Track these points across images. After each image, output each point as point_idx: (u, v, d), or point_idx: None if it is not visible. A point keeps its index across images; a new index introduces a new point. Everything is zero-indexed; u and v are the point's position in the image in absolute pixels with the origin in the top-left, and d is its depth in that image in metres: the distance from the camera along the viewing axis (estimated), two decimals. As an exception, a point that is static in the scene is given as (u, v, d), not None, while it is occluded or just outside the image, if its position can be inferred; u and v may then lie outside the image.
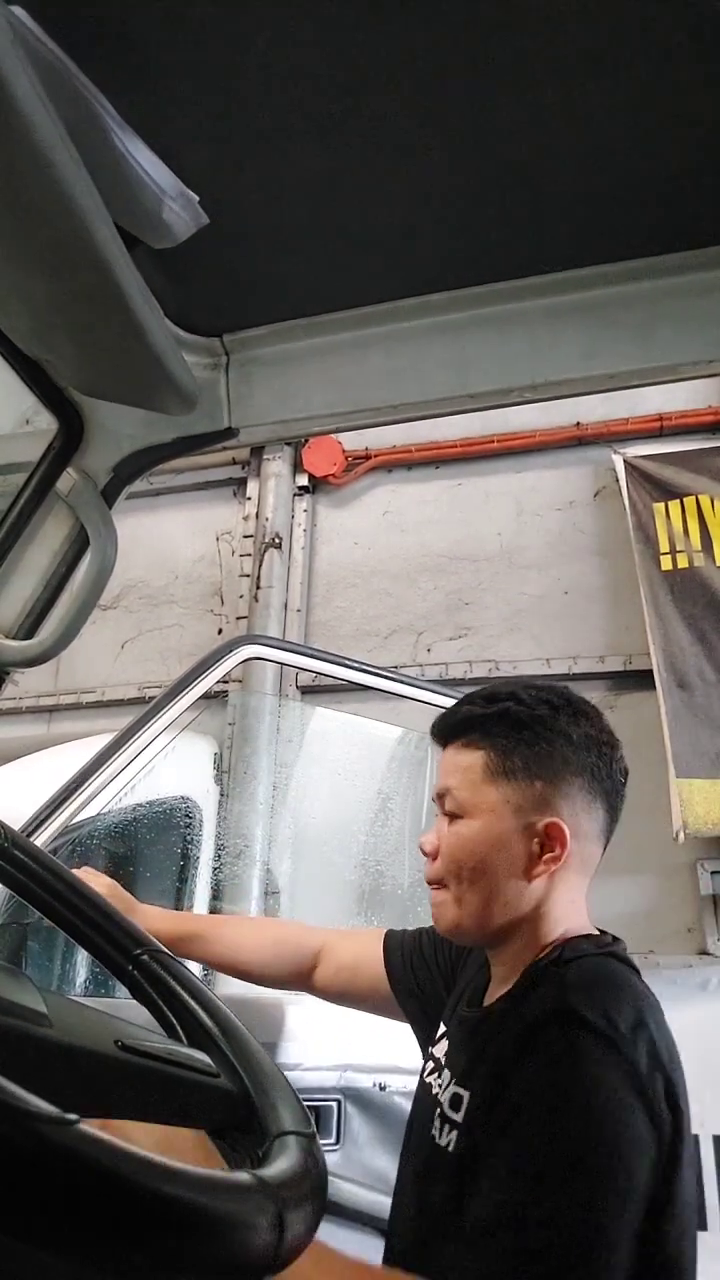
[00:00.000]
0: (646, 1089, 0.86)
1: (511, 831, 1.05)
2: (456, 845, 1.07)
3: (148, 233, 0.84)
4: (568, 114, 0.76)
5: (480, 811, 1.06)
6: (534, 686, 1.13)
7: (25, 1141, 0.36)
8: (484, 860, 1.05)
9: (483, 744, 1.08)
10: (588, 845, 1.07)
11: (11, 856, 0.81)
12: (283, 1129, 0.57)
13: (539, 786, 1.05)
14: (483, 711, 1.10)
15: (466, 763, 1.09)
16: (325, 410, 1.06)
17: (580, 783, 1.06)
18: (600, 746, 1.09)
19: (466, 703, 1.13)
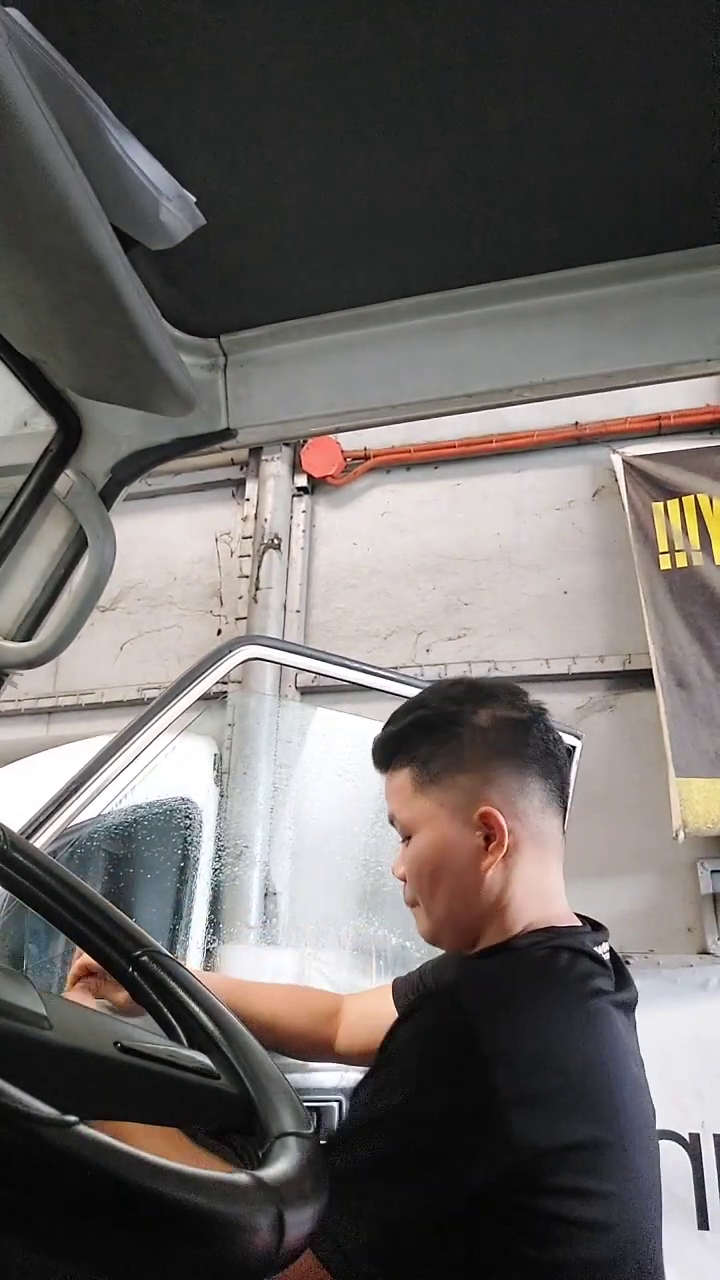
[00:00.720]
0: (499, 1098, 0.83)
1: (453, 832, 1.07)
2: (413, 862, 1.10)
3: (145, 234, 0.84)
4: (565, 114, 0.76)
5: (421, 824, 1.09)
6: (441, 685, 1.16)
7: (25, 1143, 0.36)
8: (437, 867, 1.07)
9: (405, 760, 1.11)
10: (533, 822, 1.08)
11: (11, 858, 0.81)
12: (283, 1130, 0.57)
13: (463, 781, 1.07)
14: (397, 729, 1.13)
15: (398, 783, 1.12)
16: (324, 411, 1.06)
17: (502, 765, 1.07)
18: (514, 724, 1.09)
19: (386, 725, 1.15)
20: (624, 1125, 0.90)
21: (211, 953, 3.54)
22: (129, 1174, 0.39)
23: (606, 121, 0.77)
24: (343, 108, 0.76)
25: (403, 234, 0.90)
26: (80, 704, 4.63)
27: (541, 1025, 0.91)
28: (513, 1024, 0.89)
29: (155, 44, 0.72)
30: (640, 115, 0.76)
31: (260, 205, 0.87)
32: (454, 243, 0.91)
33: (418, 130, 0.78)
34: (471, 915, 1.07)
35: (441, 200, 0.85)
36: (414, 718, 1.12)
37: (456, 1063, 0.86)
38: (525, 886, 1.06)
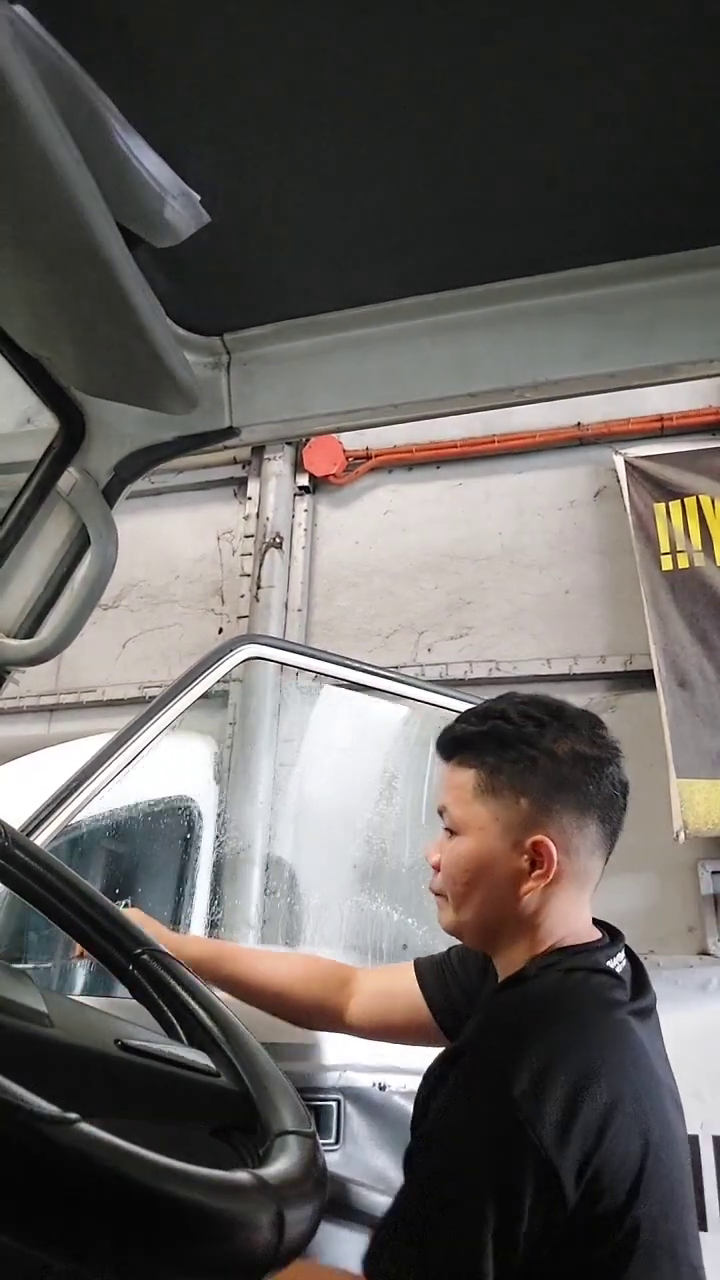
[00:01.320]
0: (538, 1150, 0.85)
1: (500, 849, 1.07)
2: (451, 861, 1.11)
3: (149, 231, 0.84)
4: (569, 113, 0.76)
5: (472, 829, 1.09)
6: (527, 701, 1.14)
7: (26, 1140, 0.36)
8: (475, 876, 1.09)
9: (473, 762, 1.11)
10: (581, 860, 1.08)
11: (12, 856, 0.81)
12: (283, 1128, 0.57)
13: (524, 804, 1.07)
14: (474, 730, 1.12)
15: (460, 781, 1.12)
16: (326, 409, 1.06)
17: (568, 799, 1.07)
18: (589, 761, 1.09)
19: (462, 720, 1.16)
20: (657, 1141, 0.93)
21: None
22: (130, 1171, 0.39)
23: (609, 121, 0.77)
24: (347, 106, 0.76)
25: (406, 233, 0.89)
26: (82, 702, 4.63)
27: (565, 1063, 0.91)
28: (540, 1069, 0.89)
29: (161, 42, 0.71)
30: (643, 115, 0.76)
31: (264, 203, 0.87)
32: (458, 242, 0.90)
33: (422, 129, 0.78)
34: (498, 927, 1.09)
35: (445, 199, 0.85)
36: (491, 726, 1.11)
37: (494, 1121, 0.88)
38: (555, 915, 1.08)
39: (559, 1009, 0.99)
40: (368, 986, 1.39)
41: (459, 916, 1.11)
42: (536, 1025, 0.96)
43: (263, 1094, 0.62)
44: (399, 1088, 1.63)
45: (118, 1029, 0.61)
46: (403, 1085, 1.63)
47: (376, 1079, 1.63)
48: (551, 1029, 0.96)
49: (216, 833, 3.48)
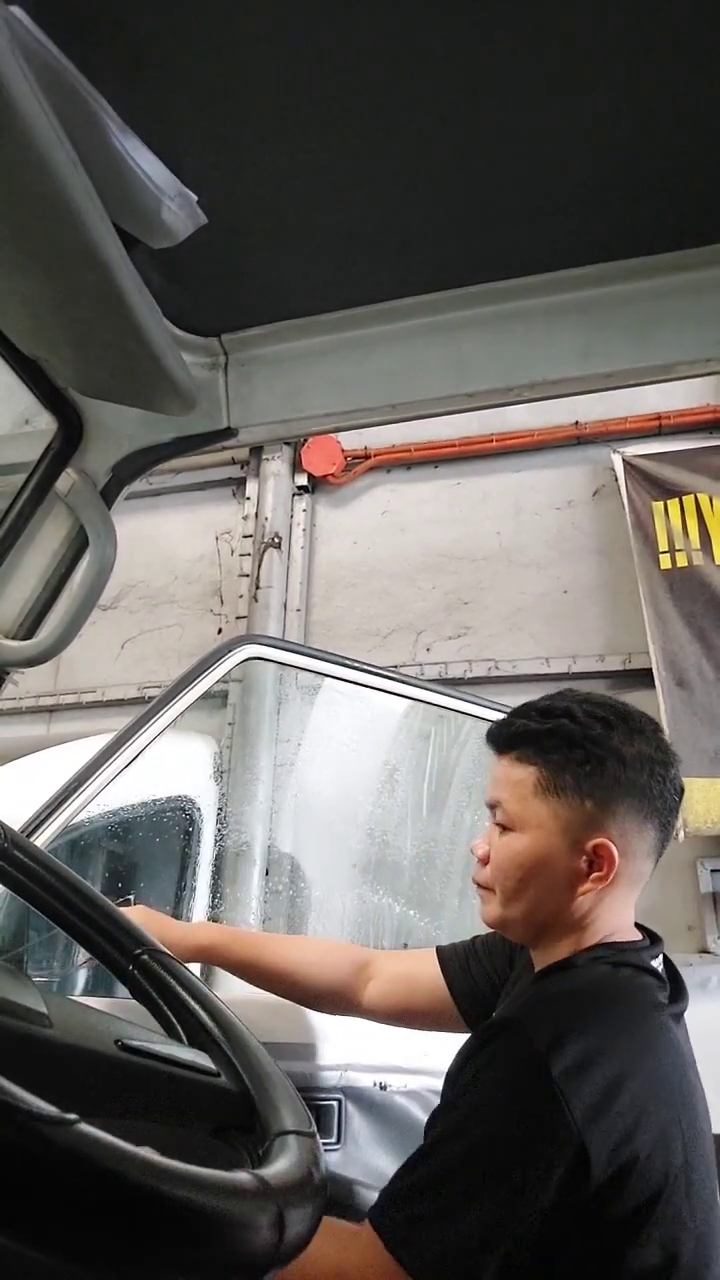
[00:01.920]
0: (566, 1127, 0.86)
1: (560, 848, 1.06)
2: (505, 857, 1.09)
3: (146, 232, 0.84)
4: (566, 113, 0.76)
5: (530, 826, 1.07)
6: (590, 701, 1.12)
7: (26, 1141, 0.36)
8: (530, 874, 1.07)
9: (535, 759, 1.08)
10: (637, 863, 1.08)
11: (12, 856, 0.81)
12: (283, 1128, 0.57)
13: (588, 805, 1.05)
14: (536, 727, 1.10)
15: (519, 777, 1.09)
16: (324, 410, 1.06)
17: (631, 802, 1.06)
18: (654, 765, 1.08)
19: (521, 715, 1.13)
20: (689, 1143, 0.93)
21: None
22: (129, 1172, 0.39)
23: (606, 121, 0.77)
24: (344, 107, 0.76)
25: (403, 233, 0.90)
26: (81, 702, 4.63)
27: (608, 1052, 0.92)
28: (582, 1053, 0.90)
29: (157, 43, 0.71)
30: (640, 115, 0.76)
31: (261, 204, 0.87)
32: (454, 242, 0.91)
33: (418, 129, 0.78)
34: (549, 925, 1.08)
35: (442, 199, 0.85)
36: (557, 725, 1.08)
37: (530, 1094, 0.88)
38: (606, 915, 1.07)
39: (607, 1000, 1.00)
40: (387, 970, 1.38)
41: (506, 911, 1.09)
42: (584, 1012, 0.97)
43: (263, 1094, 0.62)
44: (400, 1087, 1.63)
45: (118, 1029, 0.61)
46: (404, 1085, 1.63)
47: (377, 1078, 1.63)
48: (599, 1018, 0.96)
49: (216, 832, 3.48)
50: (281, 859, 3.99)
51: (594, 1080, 0.88)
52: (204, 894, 3.34)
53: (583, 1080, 0.87)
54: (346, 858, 3.65)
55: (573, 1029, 0.92)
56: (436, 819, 3.49)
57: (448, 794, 3.48)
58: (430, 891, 3.44)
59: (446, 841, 3.45)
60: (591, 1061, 0.89)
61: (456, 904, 3.36)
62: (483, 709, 2.10)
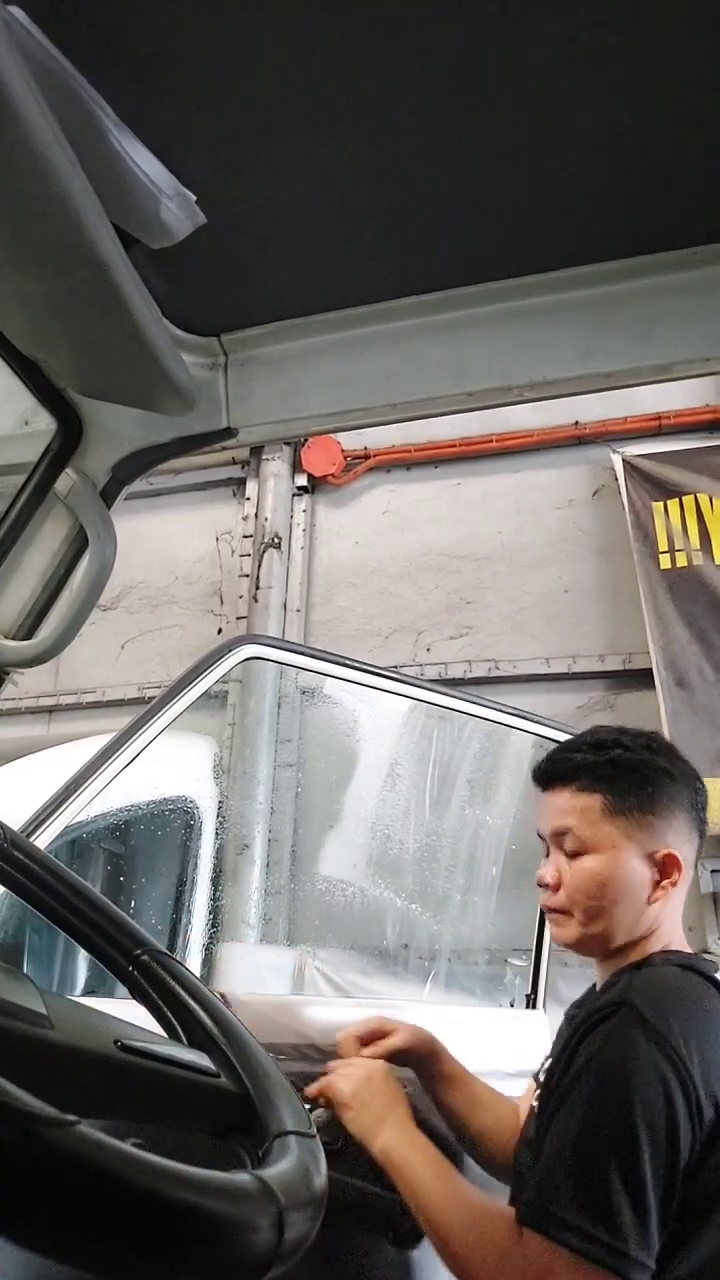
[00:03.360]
0: (688, 1082, 0.98)
1: (632, 863, 1.20)
2: (584, 879, 1.21)
3: (145, 232, 0.84)
4: (566, 112, 0.76)
5: (604, 847, 1.20)
6: (627, 732, 1.29)
7: (25, 1143, 0.36)
8: (609, 890, 1.20)
9: (598, 787, 1.22)
10: (688, 870, 1.24)
11: (11, 857, 0.81)
12: (283, 1129, 0.57)
13: (652, 821, 1.21)
14: (595, 759, 1.24)
15: (584, 804, 1.22)
16: (324, 410, 1.06)
17: (685, 816, 1.23)
18: (694, 781, 1.27)
19: (574, 750, 1.28)
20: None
21: (211, 951, 3.54)
22: (129, 1174, 0.39)
23: (607, 120, 0.77)
24: (343, 106, 0.76)
25: (403, 233, 0.89)
26: (81, 703, 4.64)
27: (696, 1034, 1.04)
28: (684, 1026, 1.03)
29: (156, 42, 0.71)
30: (640, 114, 0.76)
31: (261, 204, 0.87)
32: (454, 242, 0.90)
33: (418, 129, 0.78)
34: (624, 936, 1.21)
35: (442, 199, 0.85)
36: (615, 756, 1.23)
37: (659, 1060, 1.00)
38: (668, 923, 1.23)
39: (685, 994, 1.11)
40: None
41: (588, 930, 1.21)
42: (674, 998, 1.09)
43: (263, 1094, 0.62)
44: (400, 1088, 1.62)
45: (117, 1030, 0.61)
46: (403, 1086, 1.62)
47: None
48: (685, 1006, 1.08)
49: (216, 832, 3.48)
50: (282, 858, 3.99)
51: (694, 1054, 1.01)
52: (204, 893, 3.34)
53: (691, 1051, 1.00)
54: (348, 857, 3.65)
55: (672, 1010, 1.05)
56: (439, 816, 3.49)
57: (450, 792, 3.48)
58: (431, 889, 3.44)
59: (448, 838, 3.46)
60: (689, 1038, 1.02)
61: (458, 900, 3.36)
62: (483, 709, 2.10)
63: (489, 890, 3.36)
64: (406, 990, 3.55)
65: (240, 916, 3.83)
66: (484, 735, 3.37)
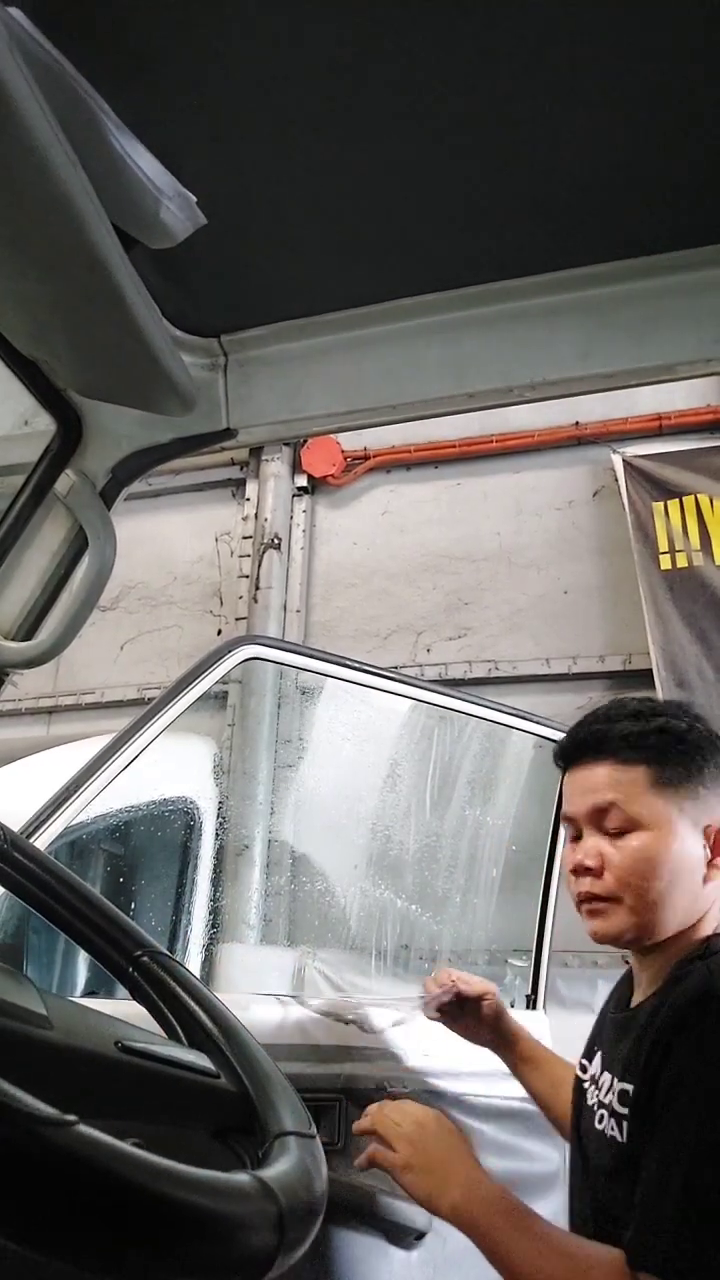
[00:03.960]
0: None
1: (687, 839, 1.09)
2: (635, 859, 1.09)
3: (145, 233, 0.84)
4: (566, 113, 0.76)
5: (654, 823, 1.09)
6: (666, 701, 1.19)
7: (25, 1143, 0.36)
8: (663, 868, 1.08)
9: (642, 758, 1.11)
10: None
11: (11, 857, 0.81)
12: (283, 1129, 0.57)
13: (705, 794, 1.10)
14: (639, 728, 1.12)
15: (629, 777, 1.11)
16: (324, 411, 1.06)
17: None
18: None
19: (609, 720, 1.15)
20: None
21: (211, 951, 3.54)
22: (129, 1174, 0.39)
23: (606, 121, 0.77)
24: (344, 107, 0.76)
25: (403, 233, 0.89)
26: (81, 704, 4.63)
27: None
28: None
29: (156, 43, 0.71)
30: (640, 114, 0.76)
31: (261, 205, 0.87)
32: (454, 242, 0.90)
33: (418, 129, 0.78)
34: (678, 923, 1.10)
35: (442, 200, 0.85)
36: (661, 724, 1.12)
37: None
38: (717, 906, 1.11)
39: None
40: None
41: (641, 918, 1.09)
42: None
43: (262, 1095, 0.62)
44: (399, 1089, 1.63)
45: (117, 1031, 0.61)
46: (402, 1086, 1.63)
47: (378, 1079, 1.63)
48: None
49: (216, 833, 3.48)
50: (282, 858, 3.99)
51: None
52: (204, 894, 3.34)
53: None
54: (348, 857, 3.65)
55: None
56: (439, 817, 3.49)
57: (450, 792, 3.48)
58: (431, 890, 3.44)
59: (448, 839, 3.46)
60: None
61: (458, 901, 3.36)
62: (483, 709, 2.10)
63: (489, 891, 3.36)
64: (407, 991, 3.55)
65: (240, 917, 3.83)
66: (483, 736, 3.37)
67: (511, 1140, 1.70)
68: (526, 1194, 1.69)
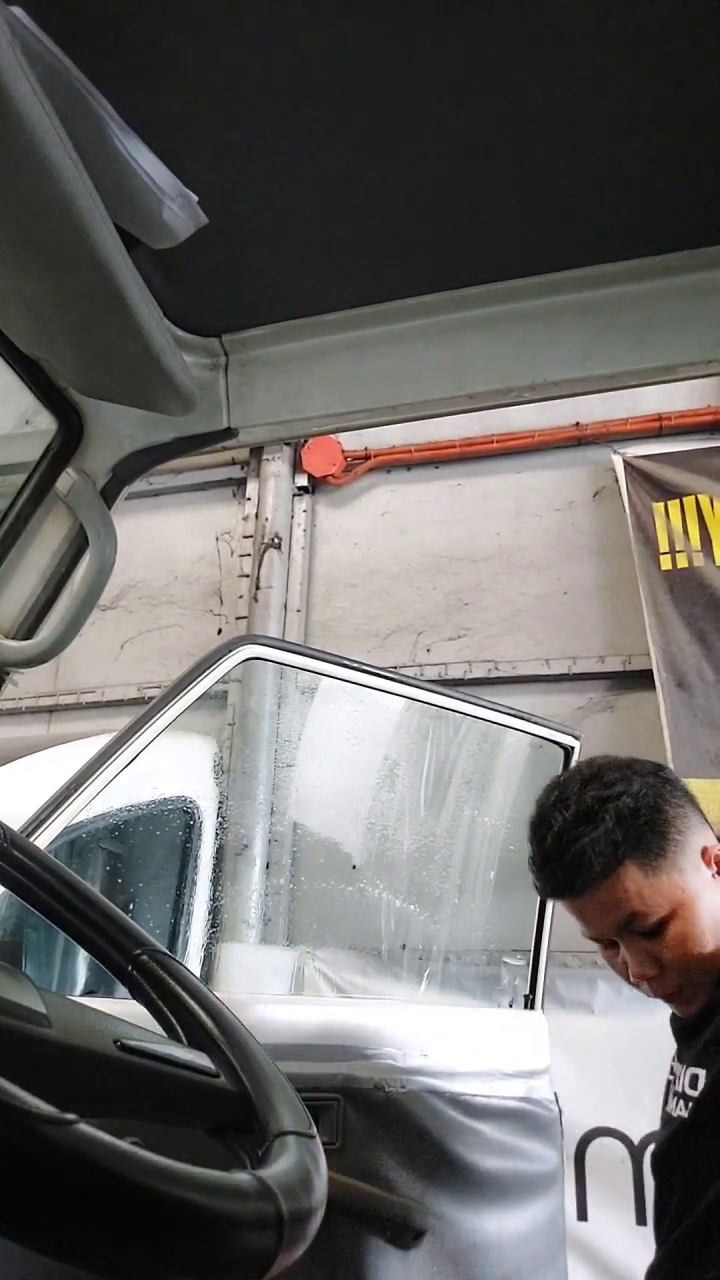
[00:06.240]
0: None
1: (702, 888, 1.13)
2: (681, 943, 1.12)
3: (147, 233, 0.84)
4: (567, 114, 0.76)
5: (674, 900, 1.12)
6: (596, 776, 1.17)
7: (25, 1141, 0.36)
8: (702, 929, 1.12)
9: (622, 855, 1.12)
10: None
11: (11, 857, 0.81)
12: (282, 1129, 0.57)
13: (682, 838, 1.15)
14: (603, 831, 1.12)
15: (631, 885, 1.11)
16: (325, 411, 1.06)
17: (694, 812, 1.18)
18: (660, 770, 1.20)
19: (569, 840, 1.13)
20: None
21: (211, 951, 3.54)
22: (128, 1172, 0.39)
23: (607, 122, 0.77)
24: (345, 108, 0.76)
25: (404, 234, 0.90)
26: (81, 703, 4.63)
27: None
28: None
29: (159, 43, 0.72)
30: (641, 115, 0.76)
31: (263, 205, 0.87)
32: (455, 243, 0.91)
33: (419, 130, 0.78)
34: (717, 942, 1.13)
35: (443, 201, 0.85)
36: (614, 812, 1.12)
37: None
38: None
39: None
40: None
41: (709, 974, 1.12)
42: None
43: (262, 1095, 0.62)
44: (399, 1088, 1.63)
45: (117, 1029, 0.61)
46: (402, 1086, 1.62)
47: (377, 1079, 1.63)
48: None
49: (216, 832, 3.48)
50: (282, 859, 3.99)
51: None
52: (204, 893, 3.34)
53: None
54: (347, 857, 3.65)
55: None
56: (437, 817, 3.49)
57: (449, 793, 3.48)
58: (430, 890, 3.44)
59: (447, 839, 3.46)
60: None
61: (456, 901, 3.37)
62: (482, 710, 2.10)
63: (487, 891, 3.36)
64: (405, 990, 3.55)
65: (240, 916, 3.82)
66: (481, 736, 3.37)
67: (511, 1140, 1.70)
68: (526, 1194, 1.70)
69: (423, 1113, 1.57)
